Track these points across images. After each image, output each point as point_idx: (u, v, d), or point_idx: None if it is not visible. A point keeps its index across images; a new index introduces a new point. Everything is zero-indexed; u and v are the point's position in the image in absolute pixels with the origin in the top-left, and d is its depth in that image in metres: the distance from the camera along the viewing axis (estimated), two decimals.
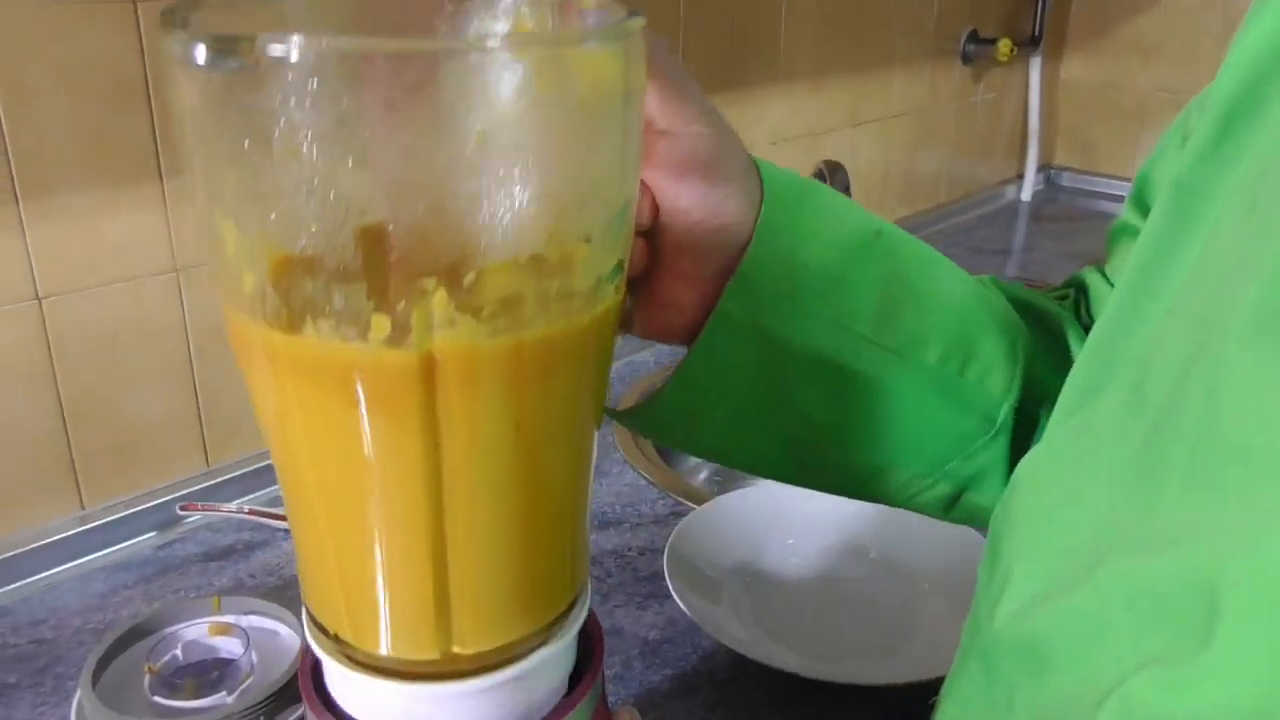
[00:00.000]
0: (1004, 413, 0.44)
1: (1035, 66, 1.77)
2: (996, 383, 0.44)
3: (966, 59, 1.61)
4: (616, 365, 1.14)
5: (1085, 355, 0.38)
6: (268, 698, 0.59)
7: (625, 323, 0.41)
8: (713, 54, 1.15)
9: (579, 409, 0.31)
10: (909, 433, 0.44)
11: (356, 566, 0.30)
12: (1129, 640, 0.28)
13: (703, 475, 1.09)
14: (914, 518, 0.78)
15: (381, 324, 0.26)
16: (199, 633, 0.65)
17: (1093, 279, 0.50)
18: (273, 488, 0.87)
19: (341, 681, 0.33)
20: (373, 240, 0.25)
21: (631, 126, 0.29)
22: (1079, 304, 0.50)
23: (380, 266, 0.25)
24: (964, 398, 0.43)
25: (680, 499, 0.87)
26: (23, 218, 0.69)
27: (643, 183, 0.37)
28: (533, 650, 0.32)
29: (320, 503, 0.30)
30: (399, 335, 0.26)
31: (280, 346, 0.27)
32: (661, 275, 0.39)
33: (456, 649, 0.31)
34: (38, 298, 0.71)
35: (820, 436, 0.44)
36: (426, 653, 0.31)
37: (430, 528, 0.29)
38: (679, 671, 0.67)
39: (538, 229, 0.27)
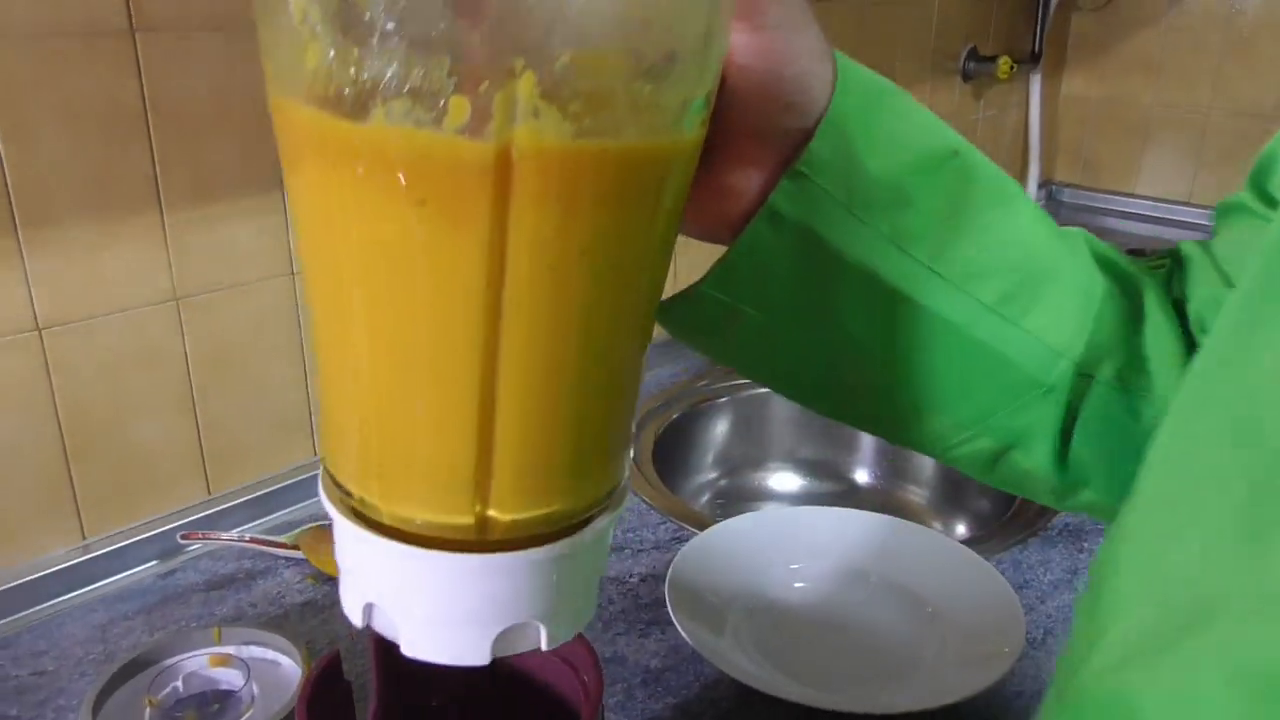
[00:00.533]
0: (1060, 370, 0.41)
1: (1035, 83, 1.77)
2: (1057, 336, 0.40)
3: (967, 76, 1.61)
4: None
5: (1182, 398, 0.35)
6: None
7: None
8: None
9: (647, 255, 0.29)
10: (954, 373, 0.41)
11: (395, 404, 0.27)
12: None
13: (704, 499, 1.09)
14: (915, 540, 0.78)
15: (460, 107, 0.23)
16: (199, 664, 0.65)
17: (1193, 252, 0.46)
18: (274, 515, 0.87)
19: (356, 548, 0.29)
20: (466, 1, 0.23)
21: None
22: (1172, 275, 0.46)
23: (468, 36, 0.23)
24: (1017, 345, 0.40)
25: (682, 524, 0.86)
26: (23, 249, 0.69)
27: None
28: (567, 532, 0.29)
29: (364, 330, 0.27)
30: (478, 123, 0.23)
31: (340, 138, 0.24)
32: (723, 156, 0.36)
33: (493, 512, 0.28)
34: (38, 328, 0.71)
35: (860, 360, 0.40)
36: (460, 515, 0.28)
37: (482, 362, 0.26)
38: (681, 701, 0.67)
39: (636, 18, 0.25)
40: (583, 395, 0.28)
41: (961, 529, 1.04)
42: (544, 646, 0.30)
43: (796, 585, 0.78)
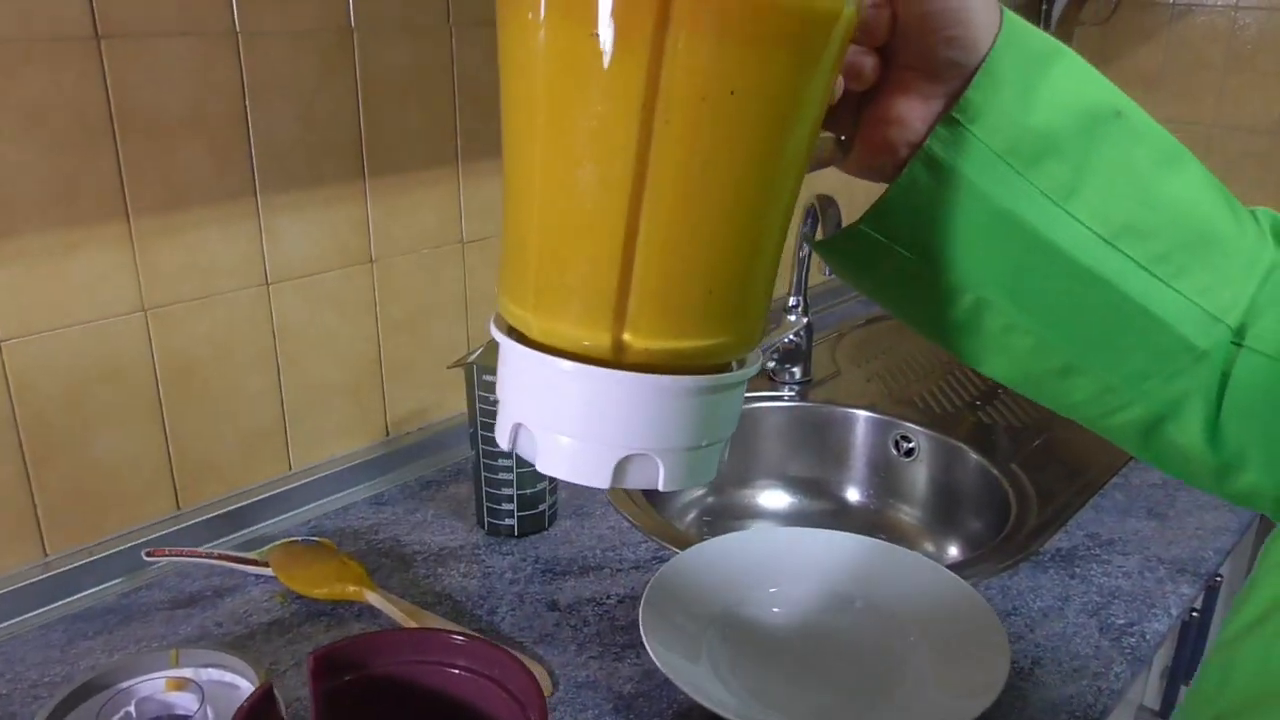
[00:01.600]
0: (1214, 336, 0.40)
1: None
2: (1213, 301, 0.40)
3: None
4: None
5: None
6: None
7: (845, 148, 0.41)
8: None
9: (792, 117, 0.32)
10: (1102, 329, 0.40)
11: (556, 220, 0.32)
12: None
13: (690, 517, 1.07)
14: (900, 565, 0.76)
15: None
16: (154, 688, 0.63)
17: None
18: (244, 531, 0.85)
19: (509, 367, 0.34)
20: None
21: None
22: None
23: None
24: (1169, 307, 0.39)
25: (665, 544, 0.84)
26: None
27: None
28: (696, 371, 0.33)
29: (540, 150, 0.32)
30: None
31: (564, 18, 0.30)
32: (888, 87, 0.39)
33: (628, 336, 0.32)
34: None
35: (1007, 310, 0.41)
36: (599, 333, 0.32)
37: (632, 183, 0.30)
38: None
39: None
40: (720, 236, 0.32)
41: (954, 550, 1.02)
42: (661, 486, 0.33)
43: (776, 610, 0.76)
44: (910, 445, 1.08)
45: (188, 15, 0.73)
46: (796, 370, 1.17)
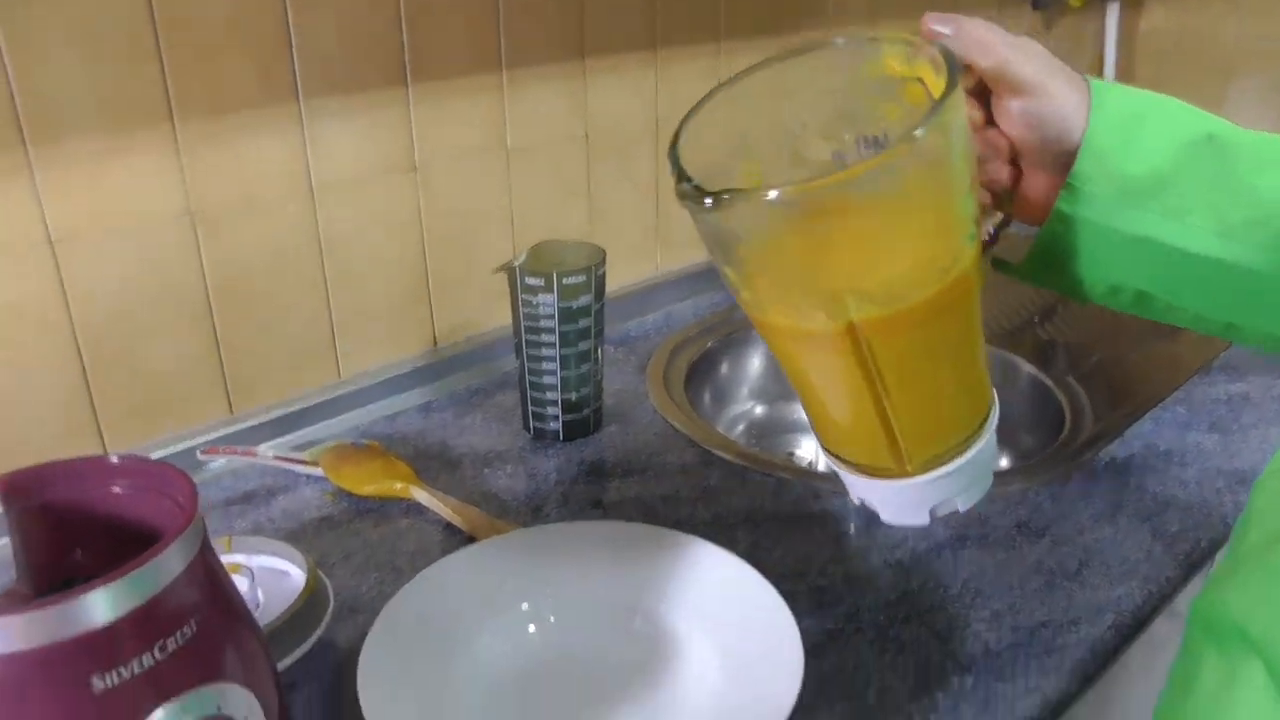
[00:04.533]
0: None
1: (1112, 14, 1.68)
2: None
3: (1037, 5, 1.53)
4: (655, 315, 1.11)
5: None
6: (271, 632, 0.58)
7: (1007, 223, 0.53)
8: None
9: (961, 332, 0.48)
10: (1252, 301, 0.49)
11: (843, 429, 0.52)
12: None
13: (738, 430, 1.06)
14: (683, 560, 0.67)
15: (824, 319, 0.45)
16: None
17: None
18: (295, 434, 0.87)
19: (846, 480, 0.53)
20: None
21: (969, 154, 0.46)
22: None
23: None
24: None
25: (711, 449, 0.84)
26: (31, 164, 0.69)
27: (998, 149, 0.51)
28: (959, 453, 0.50)
29: (818, 402, 0.51)
30: (828, 317, 0.45)
31: (782, 327, 0.48)
32: (1027, 181, 0.51)
33: (907, 465, 0.50)
34: (50, 241, 0.71)
35: (1163, 298, 0.51)
36: (887, 465, 0.50)
37: (875, 403, 0.47)
38: None
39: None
40: (940, 403, 0.50)
41: (1004, 464, 1.00)
42: (961, 510, 0.52)
43: (531, 630, 0.63)
44: None
45: None
46: None
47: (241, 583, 0.63)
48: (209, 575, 0.43)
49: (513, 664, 0.60)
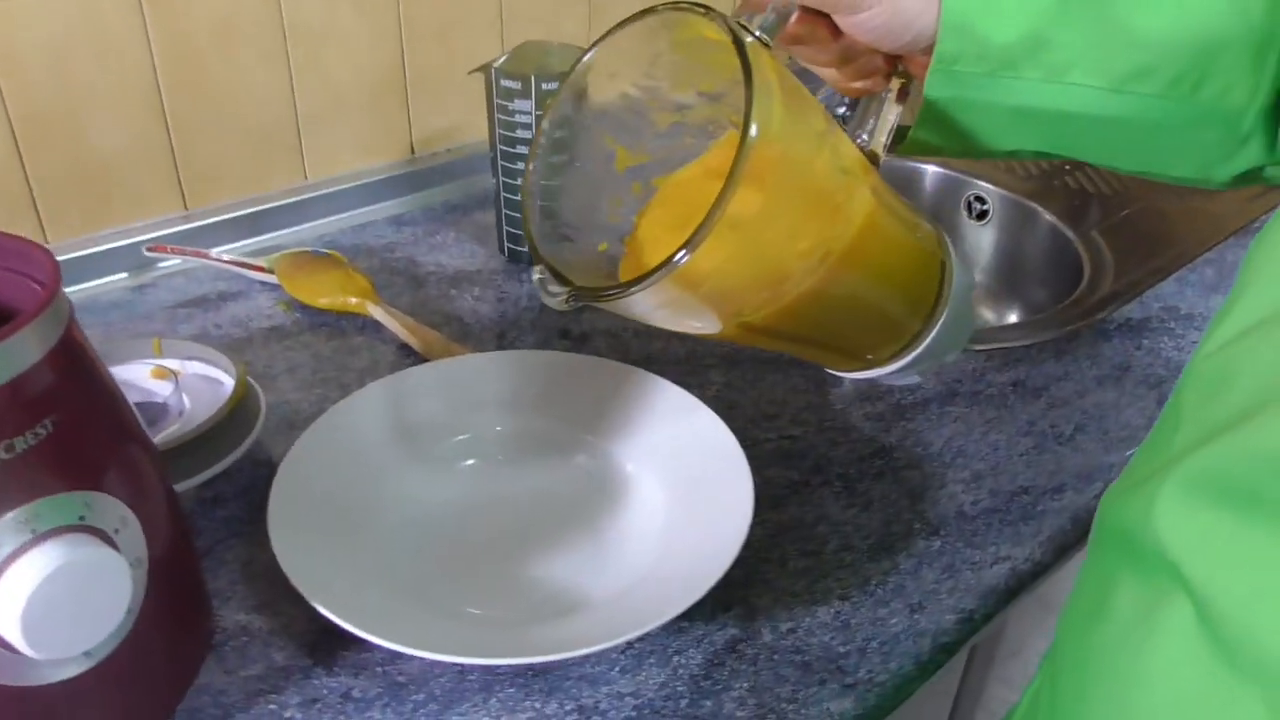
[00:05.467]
0: (1250, 120, 0.43)
1: None
2: (1238, 96, 0.42)
3: None
4: None
5: None
6: (191, 441, 0.55)
7: (902, 130, 0.48)
8: None
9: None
10: (1150, 152, 0.45)
11: (809, 356, 0.51)
12: None
13: None
14: (638, 393, 0.62)
15: None
16: (138, 374, 0.61)
17: None
18: (256, 239, 0.82)
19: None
20: None
21: None
22: None
23: None
24: (1200, 115, 0.43)
25: None
26: None
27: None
28: (916, 342, 0.49)
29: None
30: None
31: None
32: (906, 59, 0.47)
33: (870, 357, 0.50)
34: None
35: (1059, 155, 0.47)
36: (858, 366, 0.51)
37: (822, 349, 0.49)
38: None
39: None
40: (885, 312, 0.48)
41: (1013, 318, 0.94)
42: (949, 361, 0.54)
43: (470, 463, 0.58)
44: (984, 207, 0.98)
45: None
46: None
47: (163, 388, 0.59)
48: (76, 370, 0.39)
49: (446, 498, 0.56)
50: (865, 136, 0.49)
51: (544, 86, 0.72)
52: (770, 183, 0.38)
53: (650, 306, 0.41)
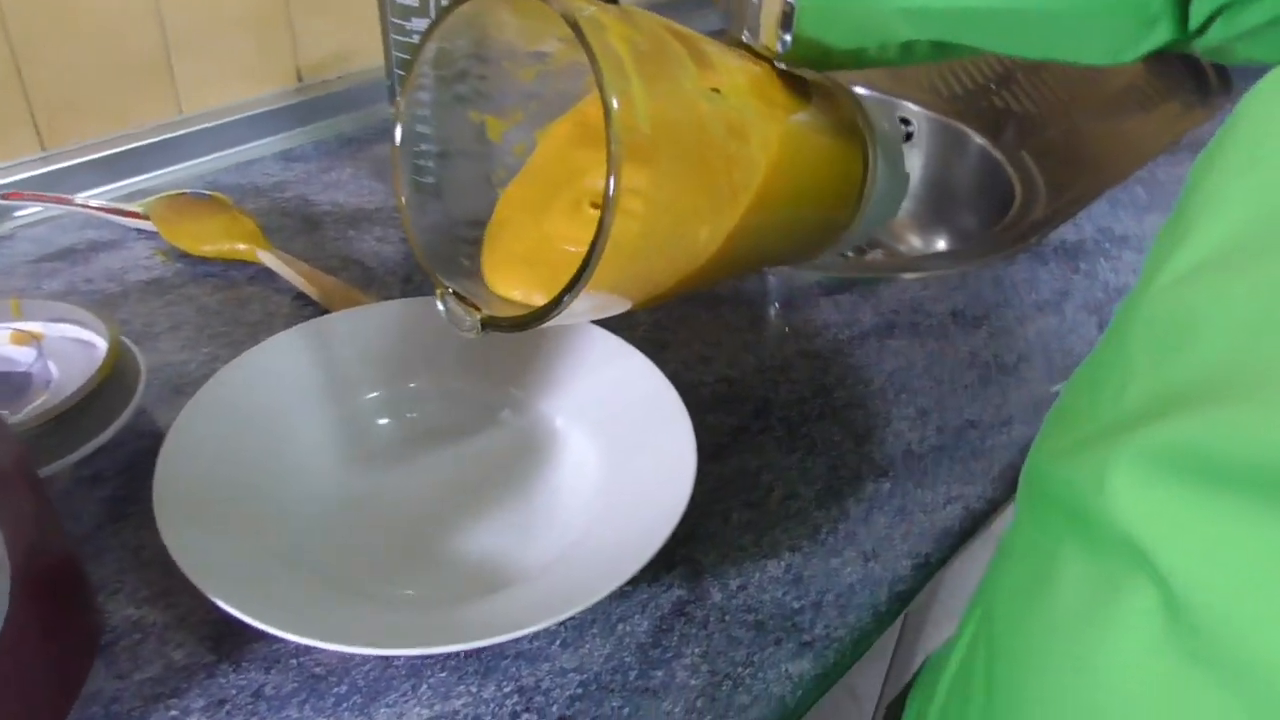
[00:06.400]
0: (1157, 2, 0.39)
1: None
2: None
3: None
4: None
5: None
6: (62, 415, 0.48)
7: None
8: None
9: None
10: (1057, 39, 0.42)
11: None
12: None
13: None
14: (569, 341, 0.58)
15: None
16: None
17: None
18: (128, 180, 0.74)
19: None
20: None
21: None
22: None
23: None
24: (1102, 12, 0.40)
25: None
26: None
27: None
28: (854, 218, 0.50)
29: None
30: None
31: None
32: None
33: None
34: None
35: (962, 49, 0.44)
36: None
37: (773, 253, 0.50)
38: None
39: None
40: (819, 207, 0.48)
41: (940, 245, 0.92)
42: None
43: (381, 423, 0.53)
44: (909, 129, 0.95)
45: None
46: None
47: (25, 355, 0.52)
48: None
49: (356, 465, 0.51)
50: (747, 35, 0.45)
51: (443, 1, 0.65)
52: (651, 180, 0.37)
53: (575, 315, 0.40)
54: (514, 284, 0.44)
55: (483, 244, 0.46)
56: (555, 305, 0.37)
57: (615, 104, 0.34)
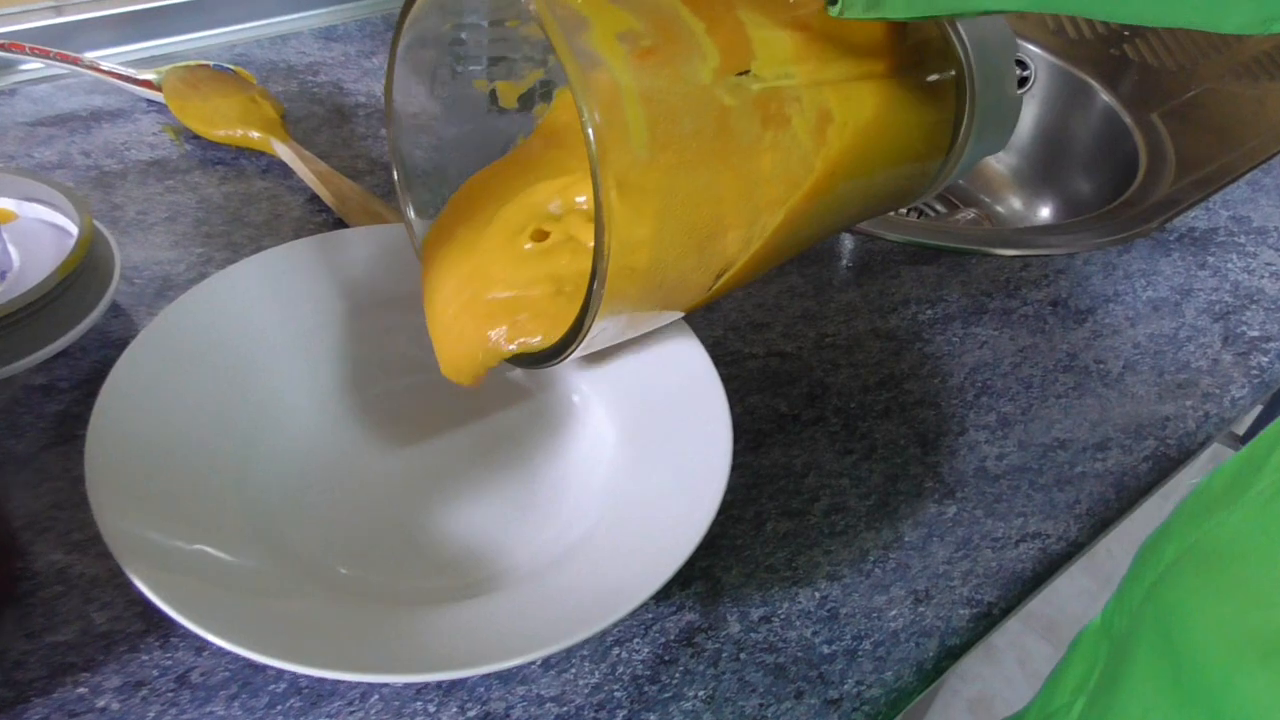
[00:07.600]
0: None
1: None
2: None
3: None
4: None
5: None
6: (18, 311, 0.42)
7: None
8: None
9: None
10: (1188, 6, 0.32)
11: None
12: None
13: None
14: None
15: None
16: None
17: None
18: (148, 43, 0.66)
19: None
20: None
21: None
22: None
23: None
24: None
25: None
26: None
27: None
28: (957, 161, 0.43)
29: None
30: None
31: None
32: None
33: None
34: None
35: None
36: None
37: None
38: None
39: None
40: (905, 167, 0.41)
41: (1045, 213, 0.82)
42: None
43: (369, 378, 0.45)
44: (1025, 74, 0.84)
45: None
46: None
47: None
48: None
49: (335, 419, 0.44)
50: None
51: None
52: (654, 227, 0.32)
53: (609, 337, 0.37)
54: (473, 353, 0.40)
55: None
56: (568, 344, 0.36)
57: (594, 144, 0.30)
